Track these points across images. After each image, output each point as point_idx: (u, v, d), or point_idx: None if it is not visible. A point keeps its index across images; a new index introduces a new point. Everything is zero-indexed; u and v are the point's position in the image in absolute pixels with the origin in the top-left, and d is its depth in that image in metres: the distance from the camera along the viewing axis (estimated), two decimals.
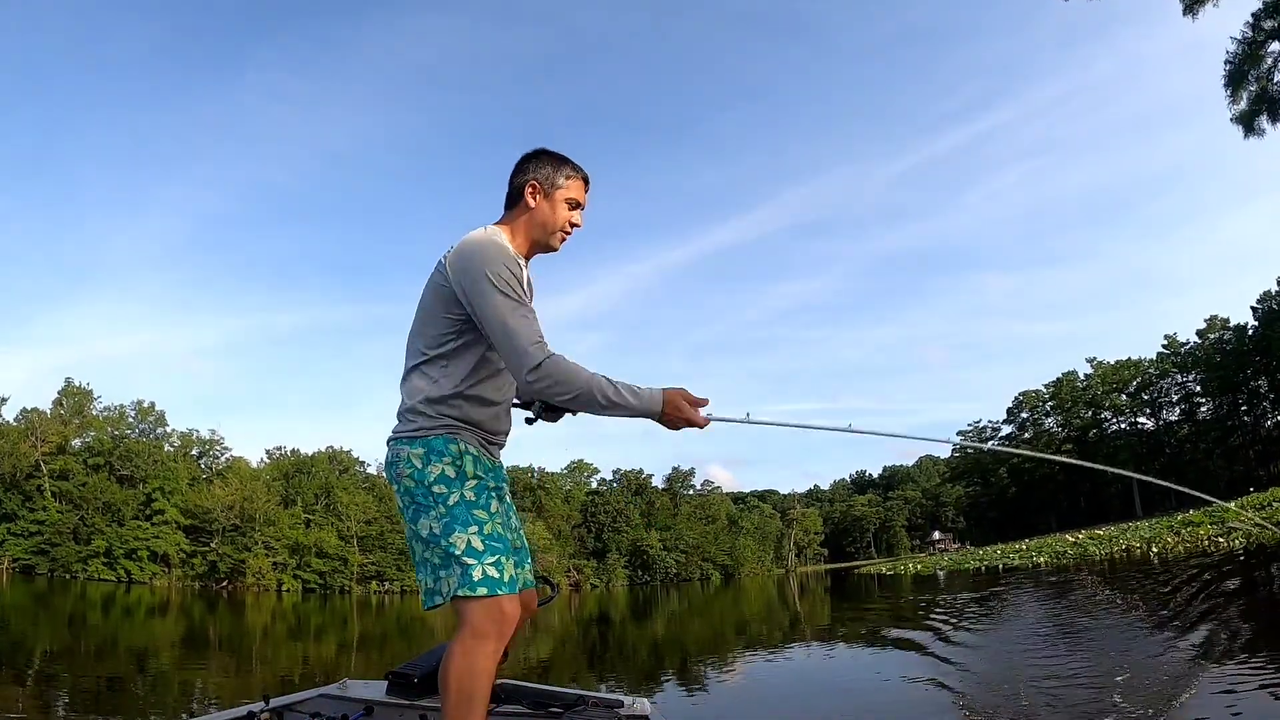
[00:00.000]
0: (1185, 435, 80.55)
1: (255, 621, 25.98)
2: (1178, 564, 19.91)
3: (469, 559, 2.01)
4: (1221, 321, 73.92)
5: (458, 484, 2.10)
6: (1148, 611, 10.94)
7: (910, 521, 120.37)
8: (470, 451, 2.16)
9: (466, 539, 2.03)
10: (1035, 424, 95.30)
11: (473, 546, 2.03)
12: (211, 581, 58.03)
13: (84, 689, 8.85)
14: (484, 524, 2.08)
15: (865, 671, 9.19)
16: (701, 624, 21.84)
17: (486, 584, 2.00)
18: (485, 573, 2.01)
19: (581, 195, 2.34)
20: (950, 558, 56.47)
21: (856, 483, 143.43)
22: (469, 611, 1.99)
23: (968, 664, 8.14)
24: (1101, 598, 13.93)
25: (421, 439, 2.13)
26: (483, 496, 2.13)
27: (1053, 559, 32.64)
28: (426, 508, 2.09)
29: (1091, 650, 7.97)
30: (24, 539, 53.77)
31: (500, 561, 2.05)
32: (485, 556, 2.03)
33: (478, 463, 2.17)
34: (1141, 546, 29.90)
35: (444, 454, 2.11)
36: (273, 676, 10.82)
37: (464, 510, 2.08)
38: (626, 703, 3.07)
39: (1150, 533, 34.41)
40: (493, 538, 2.07)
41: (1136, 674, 6.27)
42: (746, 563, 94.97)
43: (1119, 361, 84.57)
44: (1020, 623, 11.95)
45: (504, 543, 2.11)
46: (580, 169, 2.34)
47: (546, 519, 79.74)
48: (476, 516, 2.08)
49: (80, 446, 60.08)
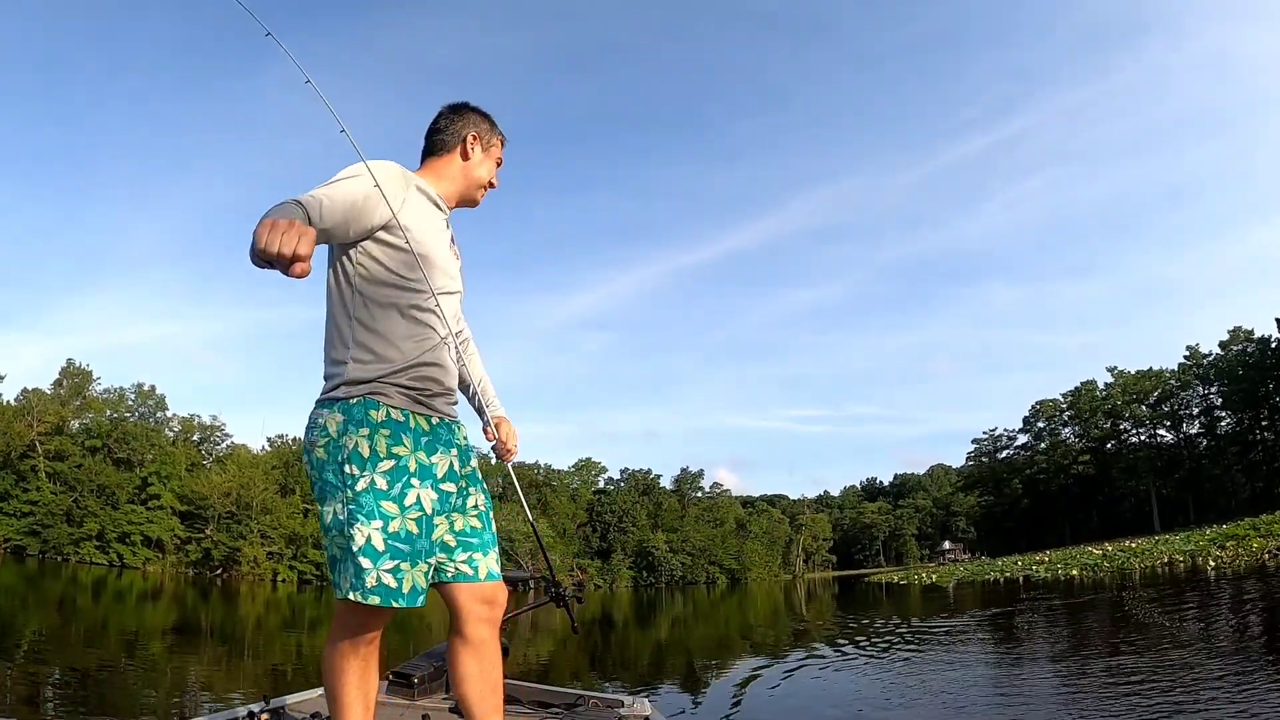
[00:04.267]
0: (1205, 449, 78.73)
1: (249, 612, 25.55)
2: (1247, 579, 18.30)
3: (364, 559, 1.82)
4: (1245, 333, 72.16)
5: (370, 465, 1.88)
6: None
7: (920, 530, 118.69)
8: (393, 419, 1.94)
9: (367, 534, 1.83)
10: (1052, 434, 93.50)
11: (372, 545, 1.83)
12: (206, 569, 57.45)
13: (70, 679, 8.51)
14: (390, 519, 1.85)
15: (868, 682, 8.72)
16: (706, 628, 21.43)
17: (379, 593, 1.82)
18: (380, 580, 1.82)
19: (502, 157, 2.31)
20: (966, 568, 55.02)
21: (867, 489, 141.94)
22: (346, 612, 1.90)
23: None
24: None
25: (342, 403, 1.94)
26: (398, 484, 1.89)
27: (1087, 573, 30.82)
28: (335, 488, 1.89)
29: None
30: (16, 519, 53.61)
31: (399, 569, 1.84)
32: (383, 560, 1.82)
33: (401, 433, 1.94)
34: (1185, 560, 28.24)
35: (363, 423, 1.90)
36: (266, 671, 10.41)
37: (371, 499, 1.85)
38: (626, 703, 3.10)
39: (1188, 546, 32.65)
40: (398, 538, 1.85)
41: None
42: (754, 567, 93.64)
43: (1140, 371, 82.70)
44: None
45: (413, 544, 1.87)
46: (502, 132, 2.31)
47: (551, 517, 79.14)
48: (384, 510, 1.85)
49: (78, 428, 59.50)
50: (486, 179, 2.25)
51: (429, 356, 2.00)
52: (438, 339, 2.02)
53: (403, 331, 1.96)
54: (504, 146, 2.31)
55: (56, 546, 53.02)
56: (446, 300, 2.06)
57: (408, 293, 1.97)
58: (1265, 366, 68.02)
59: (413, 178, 2.06)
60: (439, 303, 2.01)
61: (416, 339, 1.98)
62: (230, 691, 8.00)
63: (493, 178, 2.27)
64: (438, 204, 2.11)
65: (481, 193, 2.26)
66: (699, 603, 40.30)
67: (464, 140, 2.21)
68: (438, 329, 2.03)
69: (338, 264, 1.99)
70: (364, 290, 1.95)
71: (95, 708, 6.93)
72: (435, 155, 2.22)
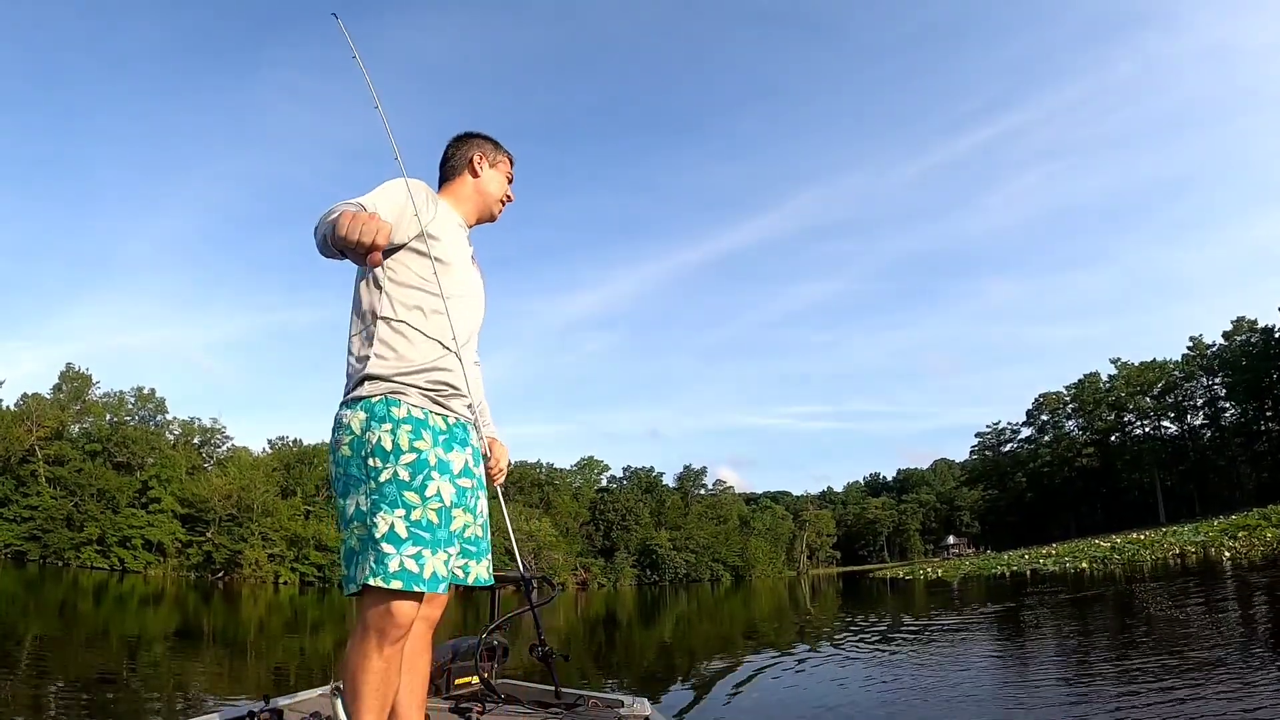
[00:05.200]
0: (1209, 440, 78.41)
1: (251, 615, 25.18)
2: (1265, 570, 17.95)
3: (387, 545, 1.91)
4: (1249, 323, 71.85)
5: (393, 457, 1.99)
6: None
7: (924, 525, 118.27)
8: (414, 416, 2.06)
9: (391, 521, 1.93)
10: (1056, 426, 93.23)
11: (395, 532, 1.92)
12: (207, 572, 57.18)
13: (72, 685, 8.34)
14: (413, 508, 1.96)
15: (874, 680, 8.49)
16: (710, 626, 21.22)
17: (402, 577, 1.90)
18: (403, 565, 1.90)
19: (511, 173, 2.49)
20: (972, 562, 54.67)
21: (870, 485, 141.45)
22: (369, 604, 1.93)
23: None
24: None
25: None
26: (419, 476, 1.99)
27: (1097, 566, 30.39)
28: (359, 481, 2.00)
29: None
30: (16, 524, 53.47)
31: (421, 555, 1.93)
32: (406, 546, 1.92)
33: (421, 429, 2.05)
34: (1197, 551, 27.88)
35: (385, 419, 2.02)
36: (268, 672, 10.28)
37: (394, 489, 1.96)
38: (627, 703, 3.12)
39: (1197, 537, 32.29)
40: (420, 525, 1.96)
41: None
42: (758, 564, 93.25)
43: (1143, 363, 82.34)
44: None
45: (433, 533, 1.97)
46: (508, 150, 2.50)
47: (554, 515, 79.01)
48: (407, 499, 1.96)
49: (78, 432, 59.31)
50: (500, 193, 2.44)
51: (445, 361, 2.13)
52: (455, 345, 2.16)
53: (423, 334, 2.10)
54: (513, 165, 2.50)
55: (57, 551, 52.86)
56: (464, 311, 2.21)
57: (431, 298, 2.12)
58: (1269, 356, 67.87)
59: (439, 197, 2.30)
60: (457, 312, 2.17)
61: (435, 343, 2.12)
62: (232, 694, 7.93)
63: (507, 191, 2.47)
64: (460, 223, 2.32)
65: (499, 207, 2.45)
66: (703, 600, 39.89)
67: (471, 160, 2.40)
68: (457, 336, 2.15)
69: (370, 269, 2.12)
70: (392, 294, 2.10)
71: (98, 713, 6.84)
72: (449, 181, 2.42)
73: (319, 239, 1.91)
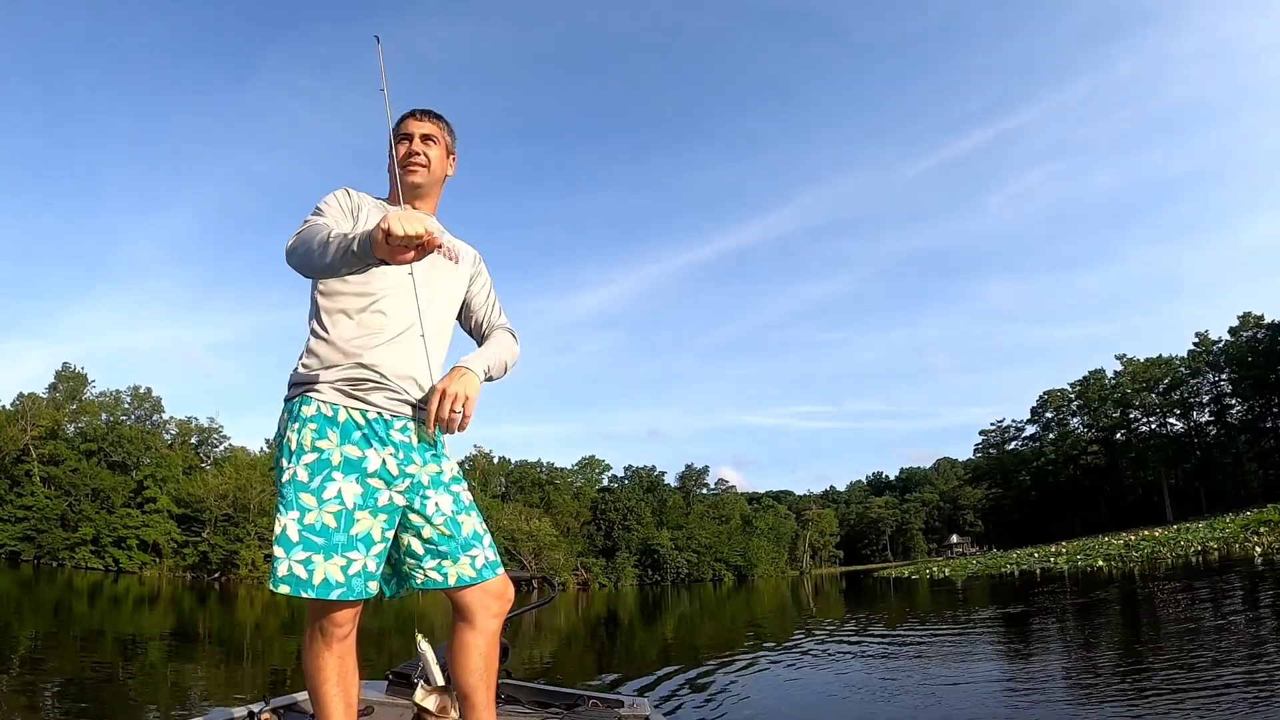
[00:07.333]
0: (1215, 437, 77.88)
1: (247, 616, 24.95)
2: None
3: (278, 549, 1.85)
4: (1255, 319, 71.31)
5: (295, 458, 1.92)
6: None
7: (928, 524, 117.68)
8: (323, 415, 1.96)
9: (284, 524, 1.87)
10: (1060, 424, 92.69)
11: (286, 535, 1.85)
12: (203, 573, 56.96)
13: (67, 686, 8.26)
14: (307, 511, 1.86)
15: (875, 680, 8.44)
16: (712, 625, 21.14)
17: (289, 582, 1.82)
18: (290, 569, 1.82)
19: (406, 127, 2.24)
20: (978, 561, 54.05)
21: (873, 484, 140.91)
22: (307, 607, 1.91)
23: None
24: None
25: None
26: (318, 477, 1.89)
27: (1115, 564, 29.54)
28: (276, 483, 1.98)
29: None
30: (10, 525, 53.29)
31: (310, 560, 1.83)
32: (295, 550, 1.83)
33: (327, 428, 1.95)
34: (1219, 547, 27.19)
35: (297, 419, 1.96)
36: (265, 673, 10.19)
37: (292, 490, 1.89)
38: (627, 703, 3.13)
39: (1214, 534, 31.55)
40: (313, 529, 1.85)
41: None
42: (760, 564, 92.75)
43: (1149, 359, 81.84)
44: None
45: (329, 537, 1.86)
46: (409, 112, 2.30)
47: (555, 515, 78.56)
48: (301, 501, 1.87)
49: (74, 432, 58.90)
50: (398, 161, 2.21)
51: (373, 356, 1.98)
52: (387, 337, 2.01)
53: (348, 334, 2.00)
54: (418, 118, 2.24)
55: (51, 552, 52.75)
56: (403, 301, 2.04)
57: (358, 297, 2.01)
58: (1275, 353, 67.53)
59: (361, 193, 2.16)
60: (395, 302, 2.02)
61: (362, 337, 1.99)
62: (230, 694, 7.90)
63: (408, 149, 2.20)
64: (386, 206, 2.16)
65: (404, 172, 2.21)
66: (705, 600, 39.65)
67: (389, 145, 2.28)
68: (389, 327, 2.02)
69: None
70: (319, 301, 2.05)
71: (93, 714, 6.77)
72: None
73: (320, 261, 1.76)
